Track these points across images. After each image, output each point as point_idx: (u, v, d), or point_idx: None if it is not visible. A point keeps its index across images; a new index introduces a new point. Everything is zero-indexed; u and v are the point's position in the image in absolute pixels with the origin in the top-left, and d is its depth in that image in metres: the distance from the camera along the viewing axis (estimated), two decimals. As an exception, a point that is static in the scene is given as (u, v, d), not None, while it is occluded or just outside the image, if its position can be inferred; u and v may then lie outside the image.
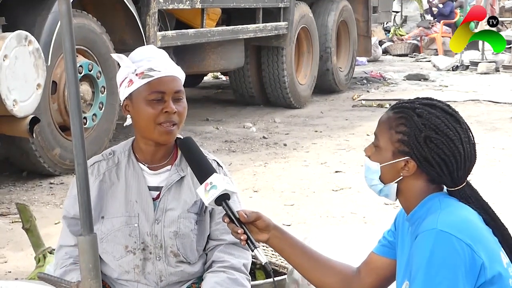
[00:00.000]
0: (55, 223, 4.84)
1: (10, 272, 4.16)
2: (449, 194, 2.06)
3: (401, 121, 2.05)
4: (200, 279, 2.45)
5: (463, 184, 2.05)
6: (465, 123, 2.08)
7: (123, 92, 2.40)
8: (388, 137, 2.07)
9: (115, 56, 2.43)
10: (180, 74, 2.43)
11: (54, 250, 3.14)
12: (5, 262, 4.33)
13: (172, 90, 2.36)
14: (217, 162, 2.50)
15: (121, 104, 2.43)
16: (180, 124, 2.40)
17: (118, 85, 2.44)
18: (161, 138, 2.38)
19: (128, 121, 2.44)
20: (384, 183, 2.08)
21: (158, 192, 2.43)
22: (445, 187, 2.08)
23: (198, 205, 2.42)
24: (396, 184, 2.07)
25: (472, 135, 2.08)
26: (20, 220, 3.68)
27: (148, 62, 2.37)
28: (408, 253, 2.06)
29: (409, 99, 2.14)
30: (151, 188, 2.43)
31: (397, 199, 2.13)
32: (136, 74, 2.36)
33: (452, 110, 2.08)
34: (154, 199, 2.42)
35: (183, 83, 2.44)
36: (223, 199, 2.16)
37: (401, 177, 2.06)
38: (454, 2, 18.05)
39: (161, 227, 2.39)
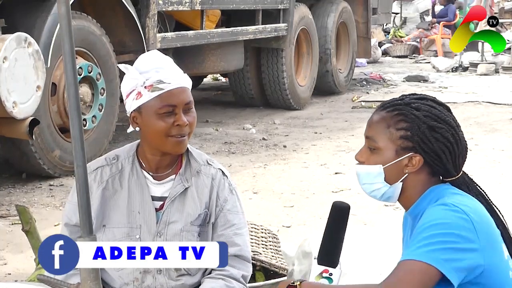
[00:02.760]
0: (55, 225, 4.84)
1: (10, 274, 4.16)
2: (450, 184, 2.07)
3: (400, 118, 2.04)
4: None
5: (461, 172, 2.07)
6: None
7: (131, 104, 2.34)
8: (387, 137, 2.04)
9: (122, 67, 2.37)
10: (188, 83, 2.39)
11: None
12: (5, 264, 4.33)
13: (183, 102, 2.33)
14: (222, 172, 2.47)
15: (129, 116, 2.38)
16: (191, 133, 2.37)
17: (124, 96, 2.38)
18: (174, 149, 2.35)
19: (131, 128, 2.40)
20: (389, 184, 2.06)
21: (161, 202, 2.40)
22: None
23: (201, 218, 2.40)
24: (401, 183, 2.05)
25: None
26: (19, 222, 3.68)
27: (157, 74, 2.32)
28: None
29: (396, 97, 2.13)
30: (154, 198, 2.40)
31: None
32: (145, 87, 2.31)
33: (440, 101, 2.11)
34: (157, 210, 2.39)
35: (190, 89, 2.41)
36: None
37: (406, 175, 2.04)
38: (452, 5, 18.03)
39: (163, 240, 2.36)
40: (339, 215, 2.08)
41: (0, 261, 4.36)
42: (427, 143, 2.01)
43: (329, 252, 2.07)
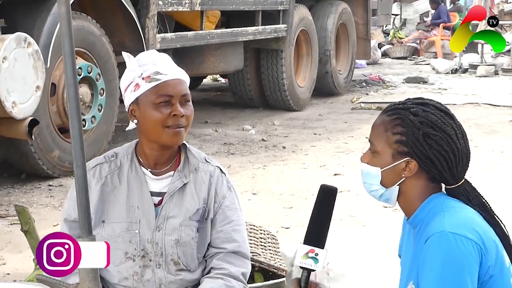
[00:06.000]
0: (54, 225, 4.84)
1: (9, 274, 4.16)
2: (450, 192, 2.07)
3: (397, 122, 2.05)
4: (199, 285, 2.43)
5: (462, 181, 2.06)
6: (457, 119, 2.09)
7: (129, 97, 2.38)
8: (385, 140, 2.06)
9: (125, 55, 2.41)
10: (185, 77, 2.43)
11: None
12: (4, 264, 4.33)
13: (179, 93, 2.36)
14: (220, 169, 2.49)
15: (127, 110, 2.41)
16: (188, 127, 2.39)
17: (123, 90, 2.41)
18: (170, 140, 2.36)
19: (131, 125, 2.42)
20: (385, 187, 2.08)
21: (160, 198, 2.41)
22: (443, 187, 2.09)
23: (200, 213, 2.41)
24: (398, 187, 2.06)
25: (464, 131, 2.09)
26: (19, 222, 3.68)
27: (154, 66, 2.36)
28: (412, 254, 2.06)
29: (400, 101, 2.14)
30: (153, 194, 2.41)
31: (396, 202, 2.13)
32: (143, 78, 2.35)
33: (444, 107, 2.09)
34: (156, 205, 2.41)
35: (188, 86, 2.43)
36: (307, 272, 2.11)
37: (403, 179, 2.05)
38: (452, 5, 18.03)
39: (162, 234, 2.38)
40: (327, 197, 2.11)
41: (-1, 261, 4.36)
42: (421, 150, 2.02)
43: (317, 233, 2.11)
